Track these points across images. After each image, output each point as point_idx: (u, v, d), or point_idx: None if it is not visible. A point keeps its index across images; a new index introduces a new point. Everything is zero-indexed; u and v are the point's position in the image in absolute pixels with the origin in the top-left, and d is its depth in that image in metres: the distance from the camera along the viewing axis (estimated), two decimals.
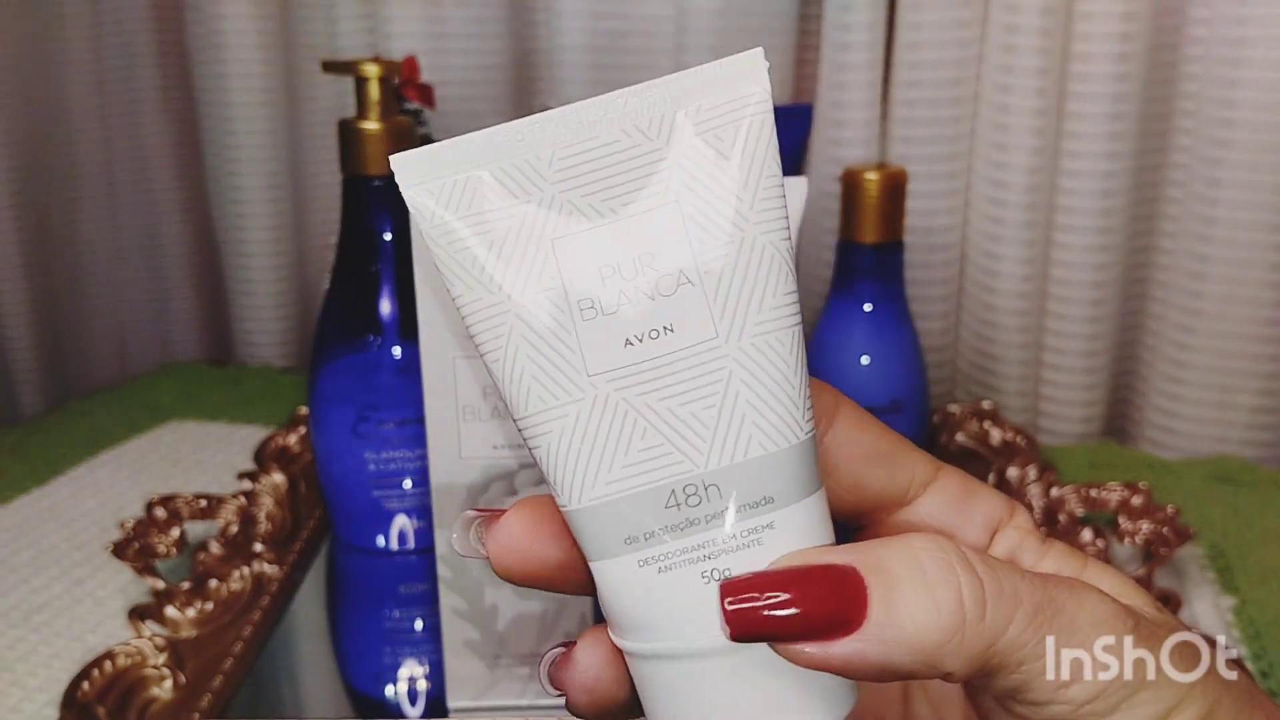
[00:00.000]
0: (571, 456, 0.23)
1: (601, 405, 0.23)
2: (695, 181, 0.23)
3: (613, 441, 0.23)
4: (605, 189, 0.24)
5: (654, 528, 0.23)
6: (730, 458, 0.23)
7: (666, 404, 0.23)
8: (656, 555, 0.23)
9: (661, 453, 0.23)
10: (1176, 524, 0.51)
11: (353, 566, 0.54)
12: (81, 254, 0.76)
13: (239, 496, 0.55)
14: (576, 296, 0.23)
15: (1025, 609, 0.21)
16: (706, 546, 0.23)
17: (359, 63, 0.48)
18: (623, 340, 0.23)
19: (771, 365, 0.23)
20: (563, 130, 0.24)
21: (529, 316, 0.23)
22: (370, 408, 0.50)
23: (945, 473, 0.26)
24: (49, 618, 0.48)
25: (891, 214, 0.54)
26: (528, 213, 0.24)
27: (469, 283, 0.24)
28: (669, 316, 0.23)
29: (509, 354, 0.23)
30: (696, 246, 0.23)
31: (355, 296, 0.50)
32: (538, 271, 0.23)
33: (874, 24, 0.63)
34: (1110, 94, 0.61)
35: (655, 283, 0.23)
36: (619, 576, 0.23)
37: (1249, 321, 0.62)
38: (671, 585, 0.23)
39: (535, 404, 0.23)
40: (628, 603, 0.23)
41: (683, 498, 0.23)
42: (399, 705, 0.45)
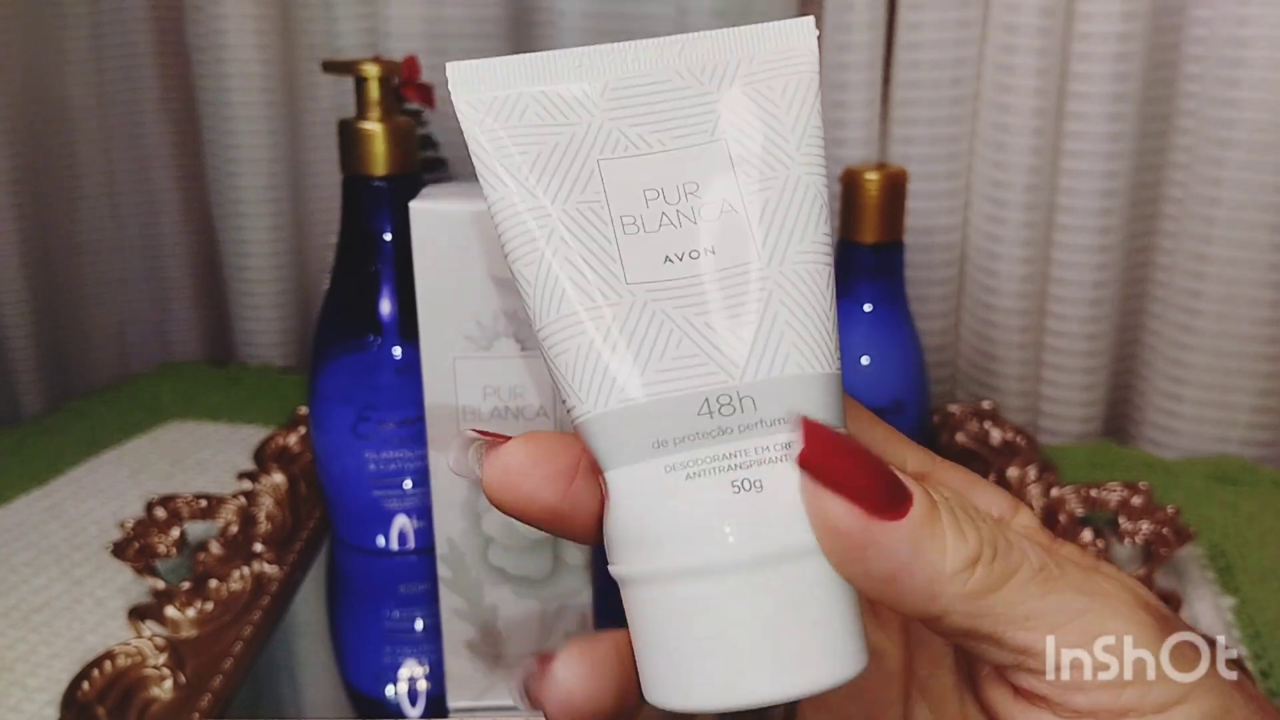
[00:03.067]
0: (603, 359, 0.23)
1: (639, 312, 0.23)
2: (744, 123, 0.24)
3: (647, 347, 0.23)
4: (655, 122, 0.24)
5: (685, 433, 0.22)
6: (768, 371, 0.22)
7: (704, 318, 0.23)
8: (686, 461, 0.22)
9: (697, 362, 0.22)
10: (1177, 524, 0.51)
11: (353, 566, 0.54)
12: (81, 254, 0.76)
13: (239, 496, 0.55)
14: (619, 211, 0.23)
15: (1032, 564, 0.22)
16: (739, 456, 0.22)
17: (359, 63, 0.48)
18: (663, 256, 0.23)
19: (811, 293, 0.23)
20: (619, 64, 0.24)
21: (569, 223, 0.23)
22: (370, 408, 0.50)
23: (942, 468, 0.26)
24: (49, 618, 0.48)
25: (891, 214, 0.54)
26: (575, 133, 0.24)
27: (513, 187, 0.24)
28: (711, 240, 0.23)
29: (544, 257, 0.23)
30: (742, 180, 0.24)
31: (355, 296, 0.50)
32: (581, 184, 0.24)
33: (874, 24, 0.63)
34: (1110, 94, 0.61)
35: (699, 208, 0.24)
36: (642, 483, 0.22)
37: (1249, 321, 0.62)
38: (699, 492, 0.22)
39: (567, 307, 0.23)
40: (647, 513, 0.22)
41: (716, 406, 0.22)
42: (399, 705, 0.45)
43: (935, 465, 0.26)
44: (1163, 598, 0.46)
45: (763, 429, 0.22)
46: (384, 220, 0.49)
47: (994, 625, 0.21)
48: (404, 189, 0.43)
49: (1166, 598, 0.47)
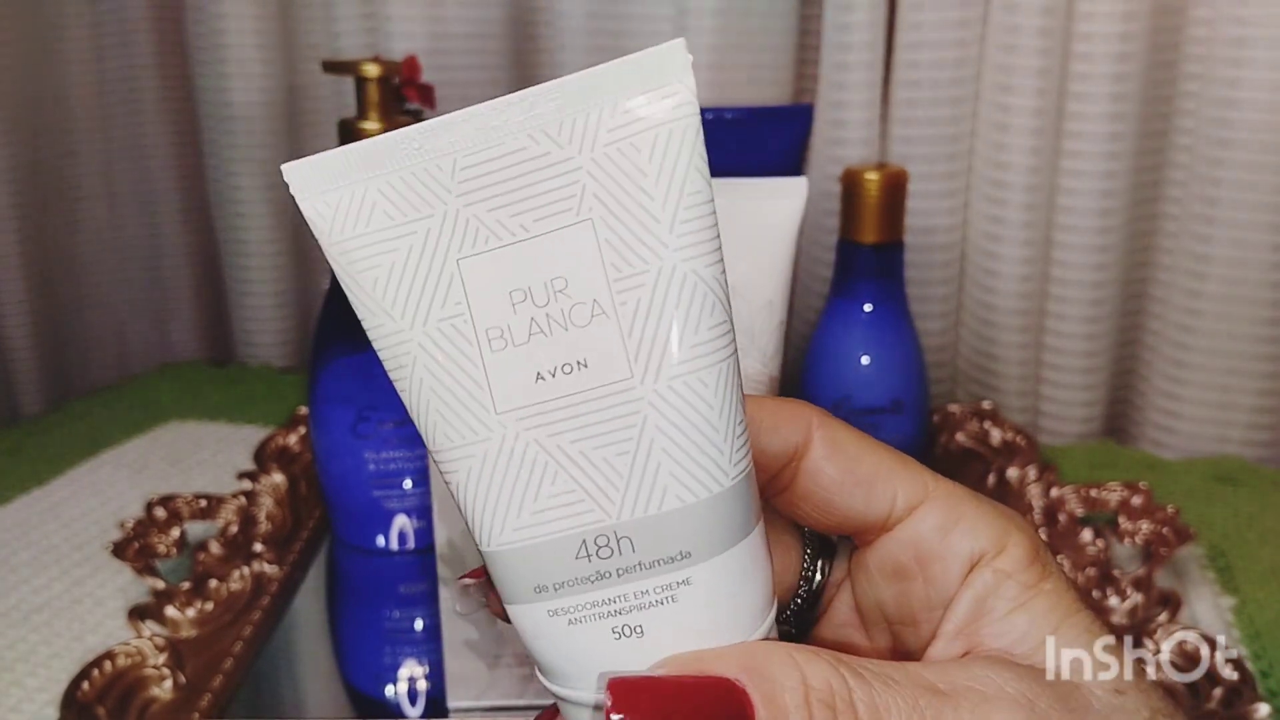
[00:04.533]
0: (480, 498, 0.22)
1: (510, 446, 0.22)
2: (609, 197, 0.21)
3: (521, 485, 0.22)
4: (513, 202, 0.21)
5: (564, 579, 0.22)
6: (644, 509, 0.21)
7: (579, 446, 0.21)
8: (566, 607, 0.22)
9: (573, 499, 0.21)
10: (1177, 524, 0.51)
11: (352, 566, 0.54)
12: (81, 254, 0.76)
13: (239, 496, 0.55)
14: (485, 325, 0.21)
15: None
16: (618, 601, 0.22)
17: (359, 63, 0.48)
18: (534, 374, 0.21)
19: (691, 409, 0.21)
20: (466, 135, 0.21)
21: (433, 348, 0.22)
22: (370, 408, 0.50)
23: (933, 499, 0.25)
24: (49, 618, 0.48)
25: (892, 214, 0.54)
26: (430, 229, 0.21)
27: (372, 308, 0.22)
28: (582, 351, 0.21)
29: (414, 386, 0.22)
30: (611, 273, 0.21)
31: None
32: (442, 296, 0.22)
33: (874, 24, 0.63)
34: (1110, 94, 0.61)
35: (568, 311, 0.21)
36: (530, 623, 0.22)
37: (1249, 321, 0.62)
38: (581, 638, 0.22)
39: (442, 441, 0.22)
40: (540, 649, 0.22)
41: (594, 549, 0.21)
42: (399, 705, 0.45)
43: (932, 491, 0.25)
44: (1163, 598, 0.46)
45: (642, 571, 0.22)
46: None
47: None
48: None
49: (1167, 598, 0.47)
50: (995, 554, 0.24)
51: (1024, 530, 0.25)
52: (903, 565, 0.25)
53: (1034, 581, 0.24)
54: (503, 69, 0.72)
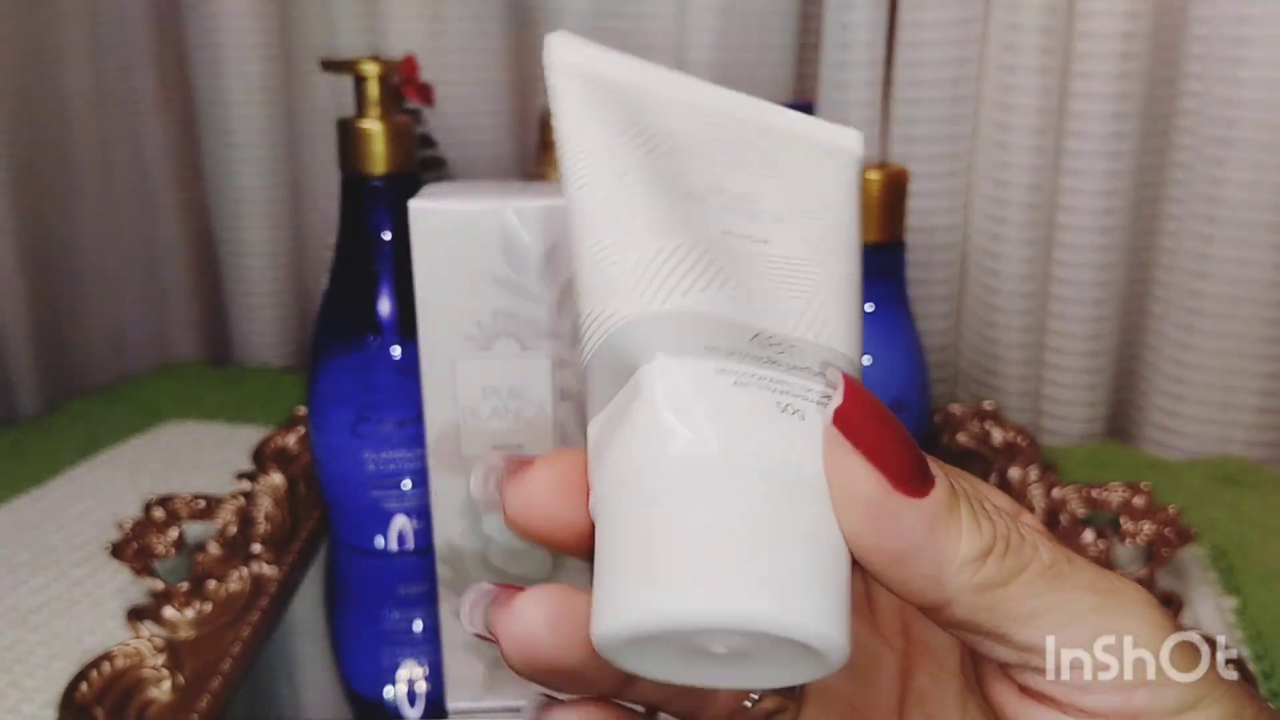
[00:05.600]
0: (668, 268, 0.22)
1: (717, 245, 0.23)
2: (808, 213, 0.25)
3: (707, 276, 0.23)
4: (752, 162, 0.26)
5: (738, 349, 0.22)
6: (814, 337, 0.23)
7: (759, 282, 0.23)
8: (737, 370, 0.21)
9: (757, 304, 0.23)
10: (1179, 524, 0.51)
11: (352, 567, 0.53)
12: (79, 254, 0.76)
13: (237, 497, 0.55)
14: (703, 182, 0.25)
15: (1042, 560, 0.21)
16: (784, 385, 0.21)
17: (358, 61, 0.48)
18: (726, 229, 0.24)
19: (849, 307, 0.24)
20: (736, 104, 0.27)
21: (656, 164, 0.24)
22: (369, 408, 0.50)
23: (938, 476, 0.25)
24: (47, 618, 0.48)
25: (893, 213, 0.54)
26: (643, 144, 0.25)
27: (583, 125, 0.25)
28: (766, 233, 0.24)
29: (624, 177, 0.24)
30: (797, 201, 0.25)
31: (354, 296, 0.50)
32: (684, 145, 0.25)
33: (874, 23, 0.63)
34: (1112, 94, 0.61)
35: (755, 214, 0.25)
36: (689, 372, 0.21)
37: (1252, 321, 0.62)
38: (746, 397, 0.21)
39: (639, 220, 0.23)
40: (688, 397, 0.21)
41: (768, 340, 0.22)
42: (398, 707, 0.45)
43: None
44: (1164, 598, 0.46)
45: (809, 375, 0.22)
46: (383, 219, 0.49)
47: (999, 621, 0.21)
48: (403, 188, 0.42)
49: (1168, 598, 0.46)
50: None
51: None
52: None
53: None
54: (502, 68, 0.72)
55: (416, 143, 0.50)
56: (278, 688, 0.46)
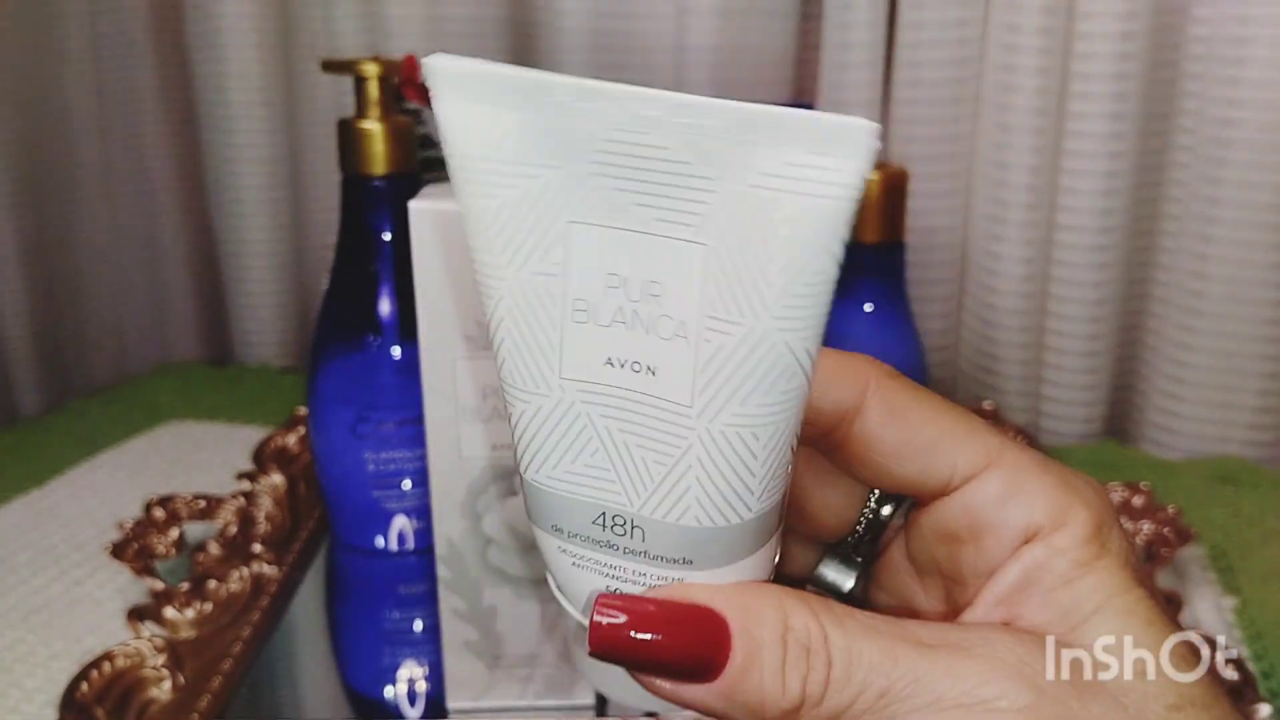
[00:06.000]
0: (528, 438, 0.23)
1: (565, 409, 0.23)
2: (731, 237, 0.20)
3: (564, 445, 0.23)
4: (640, 191, 0.21)
5: (578, 532, 0.24)
6: (663, 515, 0.23)
7: (624, 438, 0.22)
8: (574, 552, 0.24)
9: (605, 478, 0.23)
10: (1178, 524, 0.51)
11: (352, 567, 0.53)
12: (80, 254, 0.76)
13: (238, 497, 0.55)
14: (575, 293, 0.21)
15: (871, 692, 0.22)
16: (619, 571, 0.24)
17: (358, 62, 0.48)
18: (606, 357, 0.22)
19: (735, 457, 0.21)
20: (616, 112, 0.20)
21: (520, 297, 0.22)
22: (369, 408, 0.50)
23: (996, 467, 0.24)
24: (48, 618, 0.48)
25: (892, 214, 0.54)
26: (553, 180, 0.21)
27: (475, 232, 0.22)
28: (656, 360, 0.21)
29: (495, 321, 0.23)
30: (705, 307, 0.20)
31: (354, 296, 0.50)
32: (542, 251, 0.21)
33: (874, 23, 0.63)
34: (1111, 93, 0.61)
35: (655, 319, 0.21)
36: (544, 546, 0.25)
37: (1251, 321, 0.62)
38: (581, 579, 0.24)
39: (509, 377, 0.23)
40: (549, 565, 0.25)
41: (610, 522, 0.23)
42: (398, 706, 0.45)
43: (995, 459, 0.24)
44: (1164, 598, 0.46)
45: (646, 560, 0.23)
46: (383, 220, 0.49)
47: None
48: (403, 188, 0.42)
49: (1168, 598, 0.46)
50: (1052, 529, 0.23)
51: (1089, 505, 0.24)
52: (954, 531, 0.25)
53: (1088, 559, 0.23)
54: None
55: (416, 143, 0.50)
56: (278, 688, 0.46)
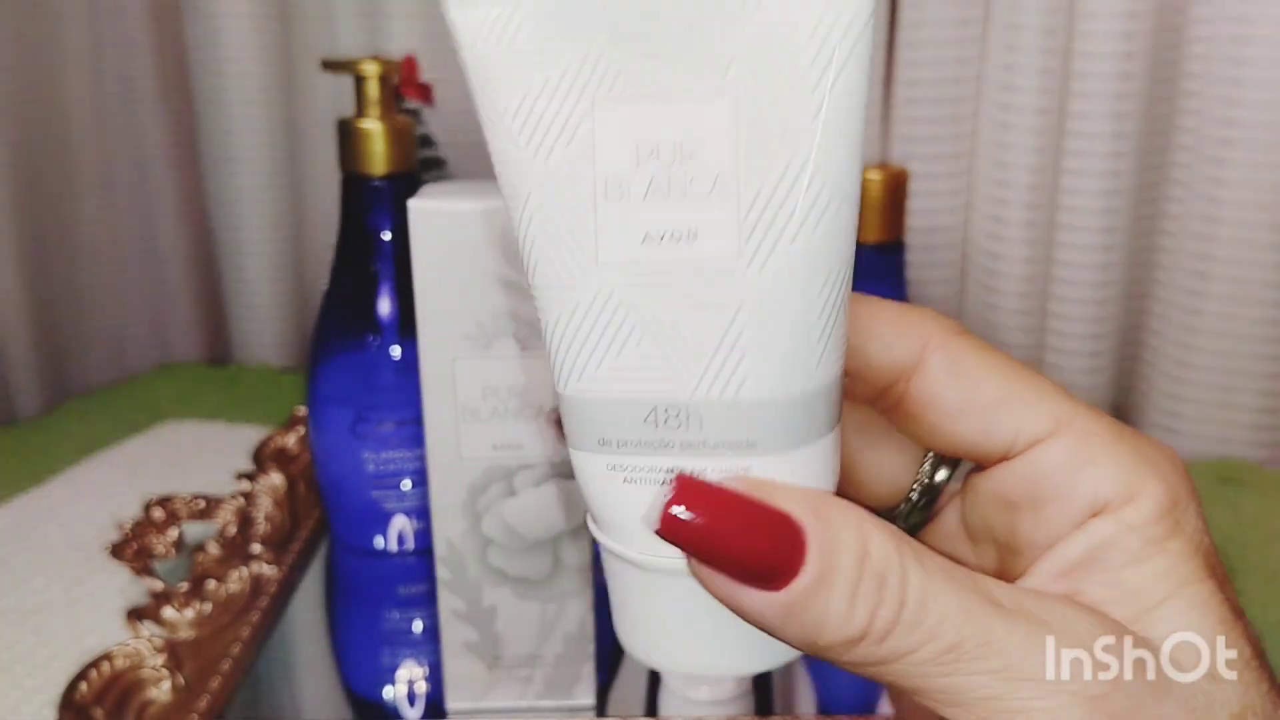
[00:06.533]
0: (566, 342, 0.22)
1: (604, 299, 0.21)
2: (756, 76, 0.20)
3: (606, 340, 0.21)
4: (661, 56, 0.21)
5: (628, 438, 0.22)
6: (720, 392, 0.21)
7: (671, 315, 0.21)
8: (625, 465, 0.22)
9: (653, 366, 0.21)
10: None
11: (351, 568, 0.53)
12: (79, 254, 0.76)
13: (237, 497, 0.55)
14: (605, 172, 0.21)
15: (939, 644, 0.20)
16: (674, 473, 0.21)
17: (358, 61, 0.48)
18: (642, 234, 0.21)
19: (791, 307, 0.20)
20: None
21: (549, 183, 0.21)
22: (369, 408, 0.50)
23: (1065, 432, 0.22)
24: (46, 619, 0.48)
25: (893, 213, 0.54)
26: (573, 61, 0.21)
27: (496, 132, 0.22)
28: (696, 220, 0.21)
29: (525, 219, 0.22)
30: (743, 151, 0.20)
31: (354, 296, 0.50)
32: (569, 134, 0.21)
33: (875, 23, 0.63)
34: (1113, 93, 0.61)
35: (692, 177, 0.21)
36: (589, 473, 0.23)
37: (1252, 322, 0.62)
38: (635, 498, 0.22)
39: (541, 279, 0.22)
40: (595, 500, 0.23)
41: (663, 417, 0.21)
42: (397, 707, 0.45)
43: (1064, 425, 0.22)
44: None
45: (705, 450, 0.21)
46: (383, 219, 0.49)
47: (888, 685, 0.21)
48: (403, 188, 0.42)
49: None
50: (1123, 503, 0.22)
51: (1164, 479, 0.22)
52: (1015, 499, 0.23)
53: (1160, 538, 0.21)
54: None
55: (416, 143, 0.50)
56: (277, 689, 0.46)
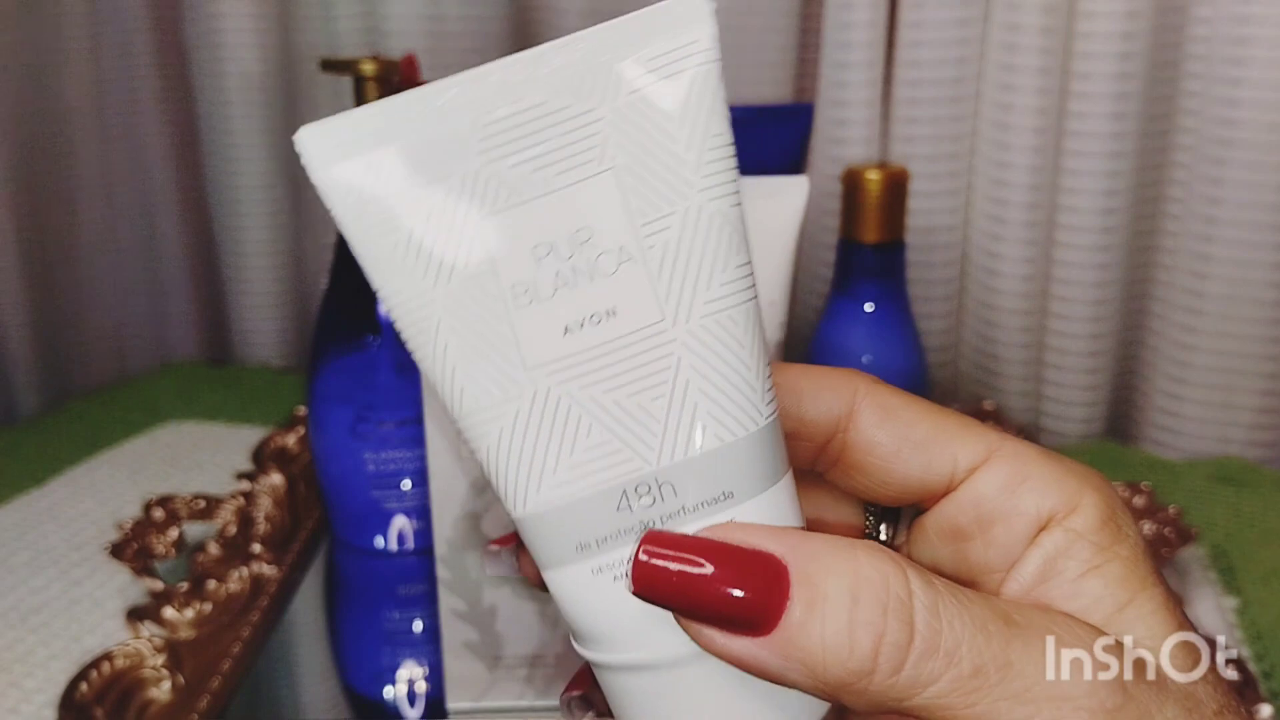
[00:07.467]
0: (514, 460, 0.21)
1: (543, 401, 0.21)
2: (633, 144, 0.21)
3: (557, 441, 0.21)
4: (535, 157, 0.21)
5: (606, 533, 0.21)
6: (684, 452, 0.21)
7: (612, 396, 0.21)
8: (611, 562, 0.21)
9: (610, 450, 0.21)
10: (1179, 524, 0.51)
11: (351, 567, 0.53)
12: (79, 253, 0.76)
13: (237, 497, 0.55)
14: (509, 281, 0.21)
15: (961, 670, 0.19)
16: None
17: (357, 61, 0.48)
18: (562, 328, 0.21)
19: (724, 348, 0.21)
20: (485, 94, 0.21)
21: (456, 307, 0.21)
22: (369, 408, 0.50)
23: (999, 456, 0.23)
24: (47, 619, 0.48)
25: (893, 213, 0.54)
26: (450, 189, 0.21)
27: (390, 273, 0.21)
28: (611, 299, 0.21)
29: (438, 350, 0.21)
30: (637, 218, 0.21)
31: (354, 296, 0.50)
32: (464, 256, 0.21)
33: (874, 23, 0.63)
34: (1112, 93, 0.61)
35: (595, 261, 0.21)
36: (573, 586, 0.22)
37: (1252, 321, 0.62)
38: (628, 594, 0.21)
39: (470, 404, 0.21)
40: (585, 613, 0.22)
41: (635, 498, 0.21)
42: (398, 707, 0.45)
43: (996, 449, 0.23)
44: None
45: (685, 516, 0.21)
46: None
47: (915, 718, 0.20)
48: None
49: None
50: (1067, 513, 0.22)
51: (1098, 490, 0.23)
52: (961, 527, 0.23)
53: (1108, 544, 0.22)
54: None
55: None
56: (278, 688, 0.46)
